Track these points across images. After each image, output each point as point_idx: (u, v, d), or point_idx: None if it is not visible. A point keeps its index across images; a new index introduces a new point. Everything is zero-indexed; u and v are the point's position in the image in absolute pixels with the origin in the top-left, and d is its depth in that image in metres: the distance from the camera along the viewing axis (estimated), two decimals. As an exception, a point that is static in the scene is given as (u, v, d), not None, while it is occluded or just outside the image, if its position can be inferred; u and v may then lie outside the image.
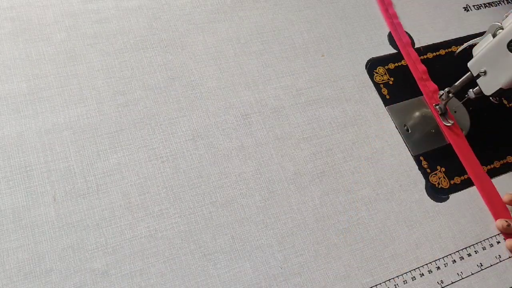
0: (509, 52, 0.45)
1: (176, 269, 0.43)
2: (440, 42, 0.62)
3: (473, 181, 0.53)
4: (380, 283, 0.46)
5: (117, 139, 0.47)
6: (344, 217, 0.48)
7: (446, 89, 0.54)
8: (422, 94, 0.57)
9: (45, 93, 0.47)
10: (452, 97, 0.54)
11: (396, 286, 0.46)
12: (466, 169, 0.54)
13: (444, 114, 0.56)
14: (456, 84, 0.53)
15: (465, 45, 0.52)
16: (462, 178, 0.53)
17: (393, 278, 0.47)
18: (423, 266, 0.48)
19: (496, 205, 0.52)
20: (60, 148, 0.45)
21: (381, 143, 0.53)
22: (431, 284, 0.47)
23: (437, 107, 0.56)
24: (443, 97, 0.54)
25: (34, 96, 0.47)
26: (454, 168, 0.54)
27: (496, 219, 0.51)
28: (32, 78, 0.47)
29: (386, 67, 0.58)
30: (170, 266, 0.43)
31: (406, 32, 0.61)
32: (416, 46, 0.60)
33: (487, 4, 0.67)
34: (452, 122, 0.55)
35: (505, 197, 0.52)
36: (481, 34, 0.50)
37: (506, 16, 0.47)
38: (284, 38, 0.57)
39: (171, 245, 0.44)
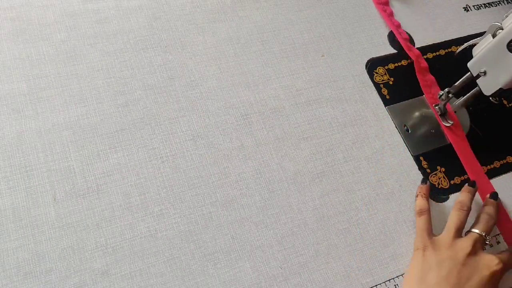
0: (509, 52, 0.45)
1: (176, 269, 0.43)
2: (440, 42, 0.62)
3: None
4: (380, 283, 0.46)
5: (117, 139, 0.47)
6: (344, 217, 0.48)
7: (446, 89, 0.54)
8: (422, 94, 0.58)
9: (45, 93, 0.47)
10: (452, 97, 0.54)
11: (396, 286, 0.46)
12: (466, 170, 0.54)
13: (444, 114, 0.56)
14: (456, 84, 0.53)
15: (465, 45, 0.52)
16: (462, 178, 0.53)
17: (393, 278, 0.47)
18: (423, 266, 0.48)
19: None
20: (60, 148, 0.45)
21: (381, 143, 0.53)
22: (431, 284, 0.47)
23: (437, 107, 0.56)
24: (443, 97, 0.54)
25: (34, 96, 0.47)
26: (454, 168, 0.54)
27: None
28: (32, 78, 0.47)
29: (386, 67, 0.58)
30: (170, 266, 0.43)
31: (406, 32, 0.61)
32: (416, 46, 0.60)
33: (487, 4, 0.67)
34: (452, 122, 0.55)
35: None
36: (481, 34, 0.49)
37: (506, 16, 0.47)
38: (284, 38, 0.57)
39: (171, 245, 0.44)
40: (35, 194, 0.43)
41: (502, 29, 0.46)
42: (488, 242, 0.47)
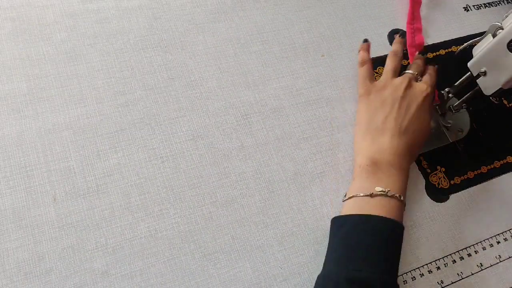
0: (509, 52, 0.45)
1: (176, 269, 0.43)
2: (440, 42, 0.62)
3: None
4: (380, 283, 0.46)
5: (117, 139, 0.47)
6: (344, 217, 0.48)
7: (446, 89, 0.54)
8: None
9: (45, 93, 0.47)
10: (452, 97, 0.54)
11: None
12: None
13: (444, 114, 0.56)
14: (456, 84, 0.53)
15: (465, 45, 0.52)
16: (462, 178, 0.53)
17: (393, 278, 0.46)
18: (423, 266, 0.48)
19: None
20: (60, 148, 0.45)
21: (381, 143, 0.53)
22: (431, 284, 0.47)
23: (437, 107, 0.56)
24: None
25: (34, 96, 0.47)
26: (454, 168, 0.54)
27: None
28: (32, 78, 0.47)
29: (386, 67, 0.58)
30: (170, 266, 0.43)
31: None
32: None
33: (487, 4, 0.67)
34: (452, 122, 0.55)
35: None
36: (481, 34, 0.49)
37: (506, 16, 0.47)
38: (284, 38, 0.57)
39: (171, 245, 0.44)
40: (35, 194, 0.43)
41: (502, 29, 0.46)
42: (419, 81, 0.52)
